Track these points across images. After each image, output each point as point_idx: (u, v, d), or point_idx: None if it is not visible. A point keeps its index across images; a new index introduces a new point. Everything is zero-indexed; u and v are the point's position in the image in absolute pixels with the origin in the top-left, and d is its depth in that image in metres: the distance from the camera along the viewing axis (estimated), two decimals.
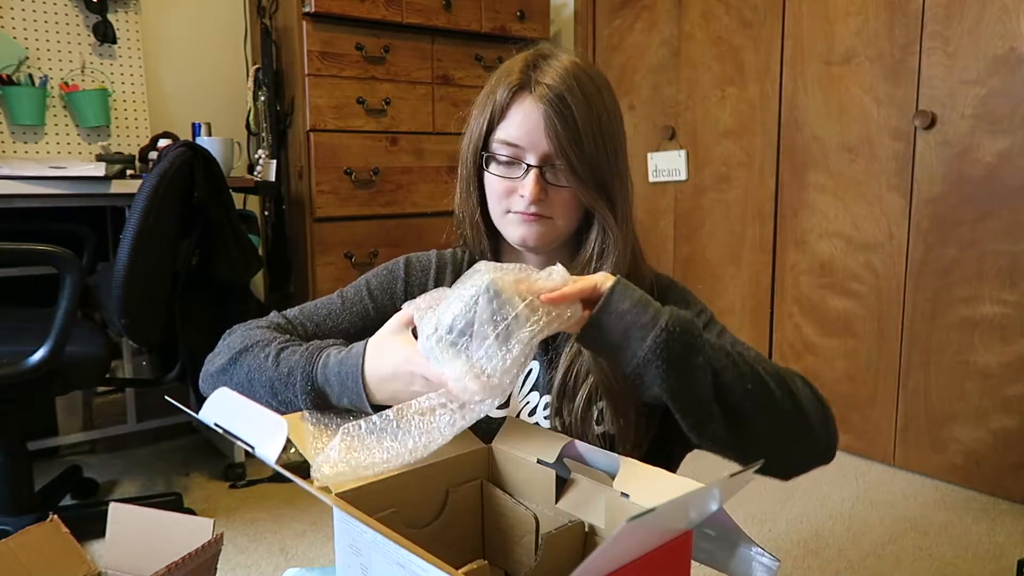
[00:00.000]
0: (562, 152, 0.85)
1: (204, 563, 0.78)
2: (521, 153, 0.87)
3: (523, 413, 0.91)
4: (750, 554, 0.63)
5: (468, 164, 0.93)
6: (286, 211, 2.56)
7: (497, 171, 0.89)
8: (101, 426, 2.41)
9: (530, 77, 0.87)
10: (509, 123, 0.88)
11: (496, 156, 0.89)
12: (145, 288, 1.69)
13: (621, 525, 0.44)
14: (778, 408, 0.74)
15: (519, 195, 0.88)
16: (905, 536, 1.89)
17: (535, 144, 0.86)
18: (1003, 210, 2.03)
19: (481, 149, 0.91)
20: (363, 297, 0.96)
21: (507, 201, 0.89)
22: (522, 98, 0.87)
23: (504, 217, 0.91)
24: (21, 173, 1.85)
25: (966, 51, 2.06)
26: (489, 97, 0.90)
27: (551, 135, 0.85)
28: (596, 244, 0.90)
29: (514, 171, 0.88)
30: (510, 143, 0.88)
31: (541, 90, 0.86)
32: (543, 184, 0.87)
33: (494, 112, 0.89)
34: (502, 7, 2.74)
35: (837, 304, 2.42)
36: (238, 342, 0.88)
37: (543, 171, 0.87)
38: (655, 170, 2.88)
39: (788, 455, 0.78)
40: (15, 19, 2.32)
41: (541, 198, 0.87)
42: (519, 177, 0.88)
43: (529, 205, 0.87)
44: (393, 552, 0.54)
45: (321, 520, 1.96)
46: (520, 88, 0.87)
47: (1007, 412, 2.05)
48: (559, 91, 0.85)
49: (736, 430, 0.72)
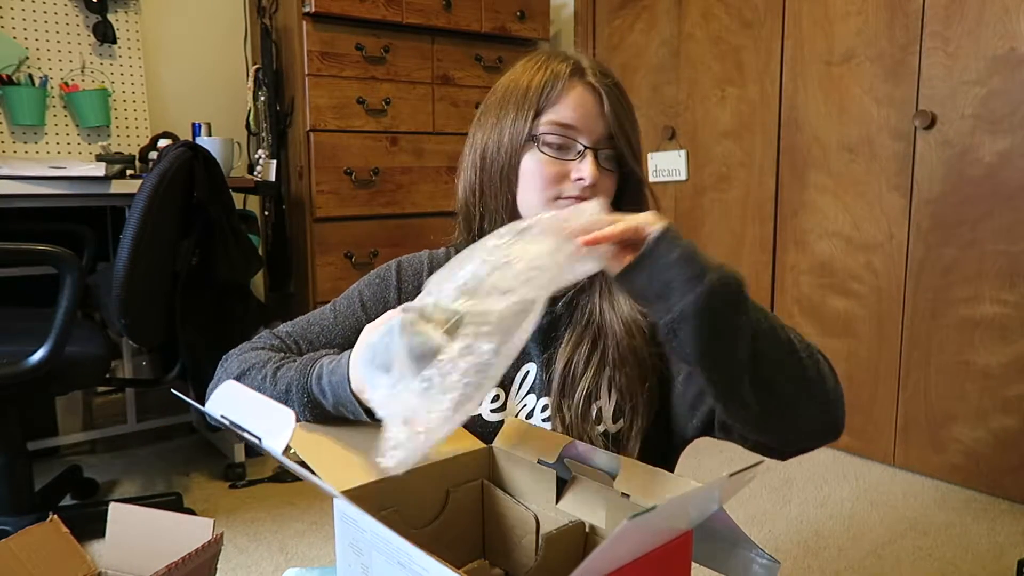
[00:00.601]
0: (621, 134, 0.87)
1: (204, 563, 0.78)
2: (575, 135, 0.87)
3: (520, 416, 0.91)
4: (749, 556, 0.63)
5: (504, 154, 0.89)
6: (286, 211, 2.56)
7: (550, 152, 0.87)
8: (101, 426, 2.41)
9: (579, 64, 0.89)
10: (563, 106, 0.87)
11: (546, 139, 0.87)
12: (145, 288, 1.69)
13: (622, 524, 0.44)
14: (806, 377, 0.71)
15: (573, 179, 0.86)
16: (905, 536, 1.90)
17: (591, 126, 0.86)
18: (1003, 210, 2.03)
19: (529, 133, 0.88)
20: (355, 309, 0.95)
21: (557, 187, 0.87)
22: (575, 85, 0.88)
23: (552, 204, 0.87)
24: (21, 173, 1.85)
25: (966, 51, 2.06)
26: (532, 91, 0.88)
27: (610, 118, 0.86)
28: None
29: (566, 154, 0.87)
30: (566, 124, 0.87)
31: (597, 77, 0.88)
32: (598, 166, 0.86)
33: (544, 97, 0.87)
34: (502, 7, 2.74)
35: (837, 304, 2.42)
36: (235, 367, 0.88)
37: (597, 154, 0.87)
38: (655, 170, 2.88)
39: (805, 426, 0.75)
40: (15, 19, 2.32)
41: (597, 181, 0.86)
42: (572, 159, 0.87)
43: (586, 188, 0.85)
44: (394, 551, 0.54)
45: (321, 520, 1.96)
46: (573, 73, 0.88)
47: (1007, 412, 2.05)
48: (613, 79, 0.89)
49: (764, 395, 0.68)
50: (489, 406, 0.92)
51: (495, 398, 0.92)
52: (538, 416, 0.90)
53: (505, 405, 0.91)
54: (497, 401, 0.92)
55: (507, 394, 0.92)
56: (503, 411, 0.91)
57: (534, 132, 0.87)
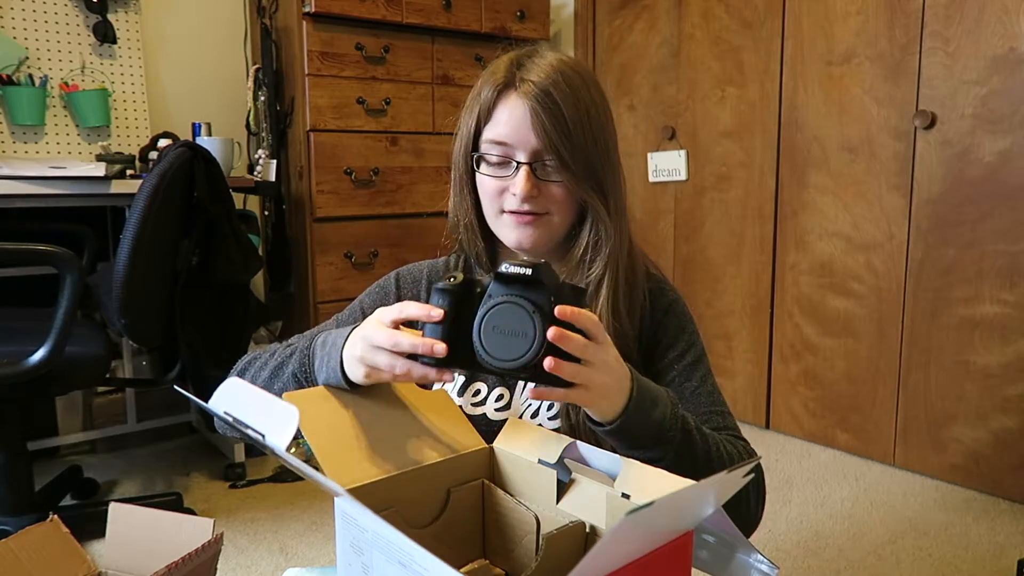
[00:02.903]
0: (551, 146, 0.85)
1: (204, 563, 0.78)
2: (511, 151, 0.87)
3: (526, 415, 0.91)
4: (748, 561, 0.62)
5: (460, 167, 0.93)
6: (286, 211, 2.56)
7: (488, 171, 0.89)
8: (101, 426, 2.41)
9: (514, 75, 0.87)
10: (496, 122, 0.88)
11: (486, 156, 0.89)
12: (145, 288, 1.68)
13: (619, 520, 0.44)
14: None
15: (511, 194, 0.87)
16: (905, 536, 1.90)
17: (523, 141, 0.86)
18: (1003, 210, 2.03)
19: (471, 150, 0.91)
20: (357, 317, 0.96)
21: (500, 201, 0.89)
22: (507, 96, 0.87)
23: (499, 219, 0.90)
24: (21, 173, 1.85)
25: (966, 51, 2.06)
26: (475, 99, 0.90)
27: (539, 130, 0.85)
28: (590, 236, 0.90)
29: (505, 170, 0.88)
30: (499, 142, 0.87)
31: (526, 87, 0.86)
32: (534, 181, 0.86)
33: (481, 112, 0.89)
34: (502, 7, 2.74)
35: (837, 304, 2.42)
36: (243, 361, 0.91)
37: (534, 168, 0.86)
38: (655, 170, 2.88)
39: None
40: (15, 19, 2.32)
41: (533, 195, 0.86)
42: (510, 176, 0.88)
43: (521, 203, 0.87)
44: (395, 551, 0.54)
45: (321, 520, 1.96)
46: (505, 87, 0.87)
47: (1007, 412, 2.05)
48: (544, 86, 0.85)
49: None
50: (494, 405, 0.92)
51: (499, 397, 0.92)
52: (544, 415, 0.90)
53: (510, 404, 0.92)
54: (502, 400, 0.92)
55: (512, 393, 0.92)
56: (508, 410, 0.91)
57: (476, 149, 0.90)
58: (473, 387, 0.94)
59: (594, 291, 0.89)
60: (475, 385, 0.94)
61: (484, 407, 0.92)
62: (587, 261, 0.90)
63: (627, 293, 0.90)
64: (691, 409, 0.85)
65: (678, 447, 0.75)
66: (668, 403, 0.75)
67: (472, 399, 0.93)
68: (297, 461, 0.58)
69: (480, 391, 0.93)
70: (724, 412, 0.90)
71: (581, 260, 0.90)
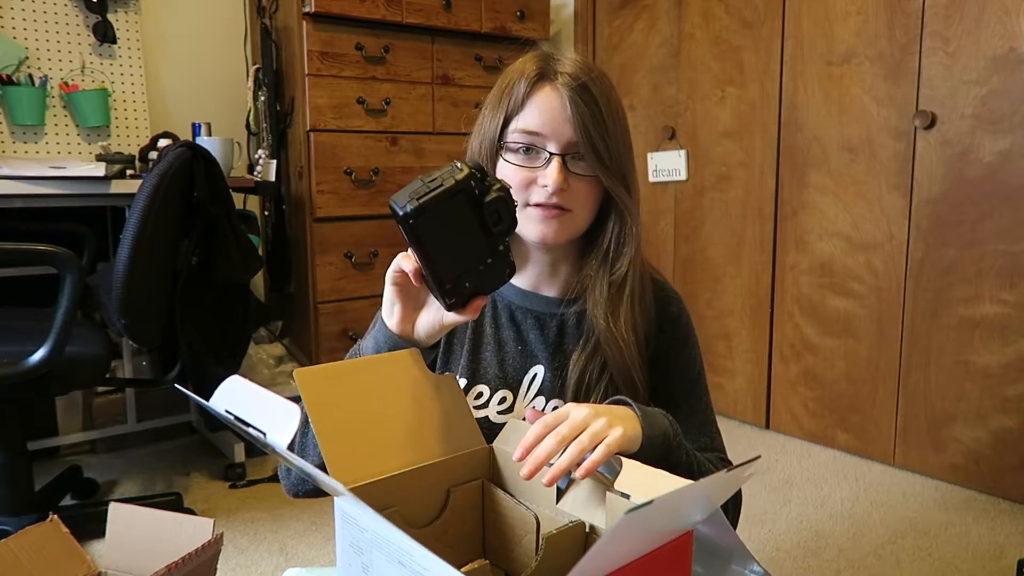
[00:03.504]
0: (588, 138, 0.84)
1: (204, 563, 0.78)
2: (542, 141, 0.86)
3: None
4: (743, 572, 0.62)
5: (483, 160, 0.90)
6: (286, 211, 2.56)
7: (516, 160, 0.87)
8: (101, 426, 2.41)
9: (550, 67, 0.87)
10: (528, 112, 0.86)
11: (512, 146, 0.87)
12: (145, 288, 1.68)
13: (619, 519, 0.44)
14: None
15: (540, 185, 0.85)
16: (905, 536, 1.89)
17: (557, 131, 0.85)
18: (1003, 210, 2.03)
19: (497, 141, 0.88)
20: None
21: (525, 193, 0.86)
22: (541, 88, 0.86)
23: (522, 212, 0.87)
24: (21, 173, 1.85)
25: (966, 51, 2.06)
26: (504, 93, 0.88)
27: (576, 122, 0.84)
28: (614, 234, 0.89)
29: (533, 160, 0.86)
30: (531, 131, 0.86)
31: (563, 79, 0.85)
32: (566, 173, 0.85)
33: (512, 104, 0.87)
34: (502, 7, 2.74)
35: (837, 304, 2.42)
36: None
37: (565, 160, 0.85)
38: (655, 170, 2.88)
39: None
40: (15, 19, 2.32)
41: (564, 187, 0.84)
42: (539, 166, 0.86)
43: (551, 195, 0.85)
44: (395, 550, 0.54)
45: (321, 520, 1.96)
46: (539, 79, 0.86)
47: (1007, 412, 2.05)
48: (581, 80, 0.85)
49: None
50: (496, 408, 0.92)
51: (502, 400, 0.92)
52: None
53: (512, 407, 0.91)
54: (504, 403, 0.92)
55: (515, 396, 0.92)
56: (510, 413, 0.91)
57: (502, 139, 0.88)
58: (475, 390, 0.93)
59: (617, 291, 0.88)
60: (477, 387, 0.93)
61: (486, 410, 0.92)
62: (611, 259, 0.89)
63: (641, 296, 0.90)
64: (684, 425, 0.85)
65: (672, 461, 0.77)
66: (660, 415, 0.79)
67: (475, 402, 0.92)
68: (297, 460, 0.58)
69: (482, 394, 0.93)
70: (714, 433, 0.92)
71: (605, 256, 0.89)
